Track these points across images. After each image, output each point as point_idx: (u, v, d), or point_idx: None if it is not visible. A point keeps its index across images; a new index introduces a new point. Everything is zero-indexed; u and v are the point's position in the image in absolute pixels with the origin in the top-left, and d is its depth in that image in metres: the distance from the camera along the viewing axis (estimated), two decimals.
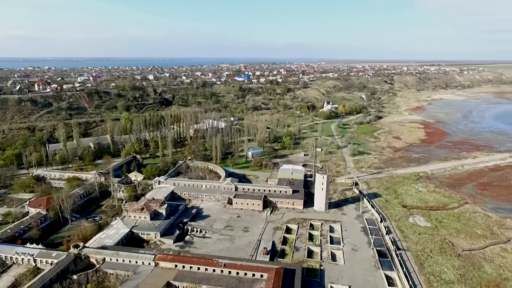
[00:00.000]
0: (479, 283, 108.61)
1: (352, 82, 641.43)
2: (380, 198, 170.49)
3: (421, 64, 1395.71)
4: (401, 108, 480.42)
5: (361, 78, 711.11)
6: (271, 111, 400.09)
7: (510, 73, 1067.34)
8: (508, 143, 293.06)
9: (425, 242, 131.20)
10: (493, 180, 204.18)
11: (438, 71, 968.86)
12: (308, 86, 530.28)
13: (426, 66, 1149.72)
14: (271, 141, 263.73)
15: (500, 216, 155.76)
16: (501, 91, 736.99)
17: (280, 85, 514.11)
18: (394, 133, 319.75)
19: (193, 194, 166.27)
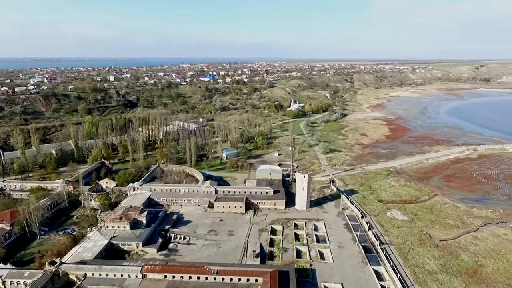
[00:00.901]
0: (458, 271, 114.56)
1: (315, 81, 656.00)
2: (357, 194, 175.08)
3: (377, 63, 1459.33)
4: (363, 105, 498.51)
5: (323, 77, 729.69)
6: (239, 111, 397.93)
7: (455, 71, 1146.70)
8: (463, 136, 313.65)
9: (405, 235, 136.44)
10: (456, 172, 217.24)
11: (393, 70, 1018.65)
12: (274, 86, 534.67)
13: (381, 65, 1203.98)
14: (244, 141, 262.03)
15: (467, 206, 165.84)
16: (450, 88, 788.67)
17: (246, 85, 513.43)
18: (361, 130, 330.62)
19: (172, 199, 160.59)
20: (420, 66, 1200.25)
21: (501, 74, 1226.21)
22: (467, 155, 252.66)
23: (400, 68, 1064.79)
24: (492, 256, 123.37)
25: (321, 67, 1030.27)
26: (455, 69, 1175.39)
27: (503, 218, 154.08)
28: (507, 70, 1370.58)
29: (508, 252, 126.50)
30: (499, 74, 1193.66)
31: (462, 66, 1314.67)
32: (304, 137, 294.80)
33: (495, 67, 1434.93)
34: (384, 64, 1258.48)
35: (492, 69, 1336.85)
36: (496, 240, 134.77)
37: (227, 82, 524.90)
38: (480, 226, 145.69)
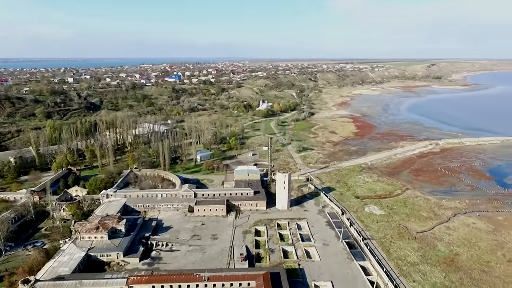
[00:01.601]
0: (437, 261, 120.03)
1: (281, 80, 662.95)
2: (334, 192, 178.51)
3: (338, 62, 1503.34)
4: (328, 104, 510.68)
5: (288, 76, 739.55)
6: (208, 111, 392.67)
7: (411, 70, 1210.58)
8: (424, 132, 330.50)
9: (384, 229, 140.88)
10: (422, 166, 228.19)
11: (353, 69, 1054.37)
12: (241, 86, 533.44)
13: (342, 64, 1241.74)
14: (217, 142, 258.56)
15: (437, 198, 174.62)
16: (406, 85, 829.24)
17: (213, 85, 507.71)
18: (329, 128, 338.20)
19: (149, 205, 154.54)
20: (378, 65, 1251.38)
21: (450, 72, 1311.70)
22: (430, 149, 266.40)
23: (360, 67, 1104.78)
24: (465, 245, 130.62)
25: (285, 67, 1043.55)
26: (410, 68, 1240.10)
27: (470, 208, 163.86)
28: (455, 69, 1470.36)
29: (478, 240, 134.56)
30: (449, 72, 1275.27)
31: (416, 65, 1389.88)
32: (277, 136, 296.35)
33: (445, 65, 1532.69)
34: (344, 64, 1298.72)
35: (442, 68, 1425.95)
36: (467, 229, 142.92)
37: (194, 83, 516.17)
38: (450, 216, 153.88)
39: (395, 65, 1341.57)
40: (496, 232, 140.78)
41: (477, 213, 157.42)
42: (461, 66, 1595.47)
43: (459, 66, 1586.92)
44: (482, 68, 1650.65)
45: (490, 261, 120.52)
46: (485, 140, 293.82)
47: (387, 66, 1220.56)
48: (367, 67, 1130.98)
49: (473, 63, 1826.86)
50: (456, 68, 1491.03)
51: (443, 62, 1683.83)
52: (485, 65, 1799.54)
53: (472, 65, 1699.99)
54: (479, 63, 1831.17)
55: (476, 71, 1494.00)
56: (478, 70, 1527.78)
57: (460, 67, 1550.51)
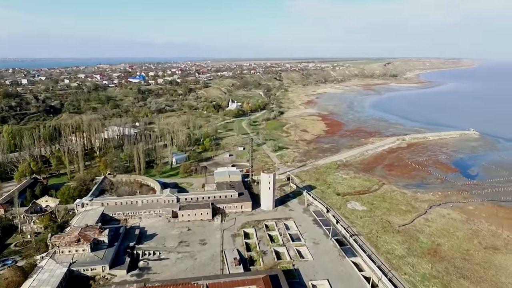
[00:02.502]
0: (422, 252, 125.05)
1: (247, 80, 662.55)
2: (316, 190, 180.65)
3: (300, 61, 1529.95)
4: (296, 102, 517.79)
5: (254, 75, 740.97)
6: (177, 113, 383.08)
7: (369, 68, 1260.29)
8: (390, 128, 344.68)
9: (369, 224, 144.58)
10: (394, 161, 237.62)
11: (316, 68, 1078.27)
12: (209, 86, 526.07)
13: (304, 63, 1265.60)
14: (192, 144, 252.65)
15: (412, 191, 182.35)
16: (366, 83, 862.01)
17: (180, 85, 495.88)
18: (301, 127, 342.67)
19: (129, 212, 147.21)
20: (339, 64, 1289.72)
21: (405, 70, 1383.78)
22: (398, 145, 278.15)
23: (322, 66, 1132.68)
24: (445, 235, 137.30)
25: (249, 66, 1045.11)
26: (368, 66, 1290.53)
27: (443, 199, 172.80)
28: (408, 67, 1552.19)
29: (455, 229, 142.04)
30: (403, 71, 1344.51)
31: (373, 64, 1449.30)
32: (250, 136, 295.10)
33: (399, 64, 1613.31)
34: (306, 63, 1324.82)
35: (397, 66, 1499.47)
36: (443, 220, 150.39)
37: (160, 83, 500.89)
38: (427, 209, 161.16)
39: (354, 64, 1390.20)
40: (470, 221, 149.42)
41: (450, 204, 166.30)
42: (413, 65, 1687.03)
43: (412, 65, 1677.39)
44: (432, 66, 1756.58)
45: (469, 249, 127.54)
46: (446, 134, 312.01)
47: (347, 65, 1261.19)
48: (329, 66, 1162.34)
49: (424, 61, 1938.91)
50: (409, 67, 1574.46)
51: (397, 60, 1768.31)
52: (434, 63, 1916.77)
53: (423, 64, 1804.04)
54: (429, 62, 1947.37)
55: (427, 69, 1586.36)
56: (429, 68, 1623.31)
57: (412, 66, 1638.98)
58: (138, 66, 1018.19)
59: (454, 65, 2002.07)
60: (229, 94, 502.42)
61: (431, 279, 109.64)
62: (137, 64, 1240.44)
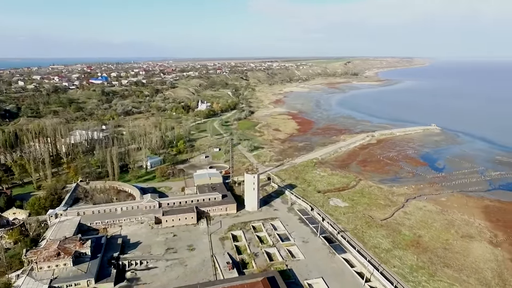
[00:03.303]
0: (406, 245, 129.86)
1: (214, 79, 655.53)
2: (297, 188, 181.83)
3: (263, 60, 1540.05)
4: (264, 102, 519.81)
5: (221, 75, 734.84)
6: (144, 114, 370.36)
7: (331, 67, 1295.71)
8: (358, 125, 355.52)
9: (353, 220, 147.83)
10: (366, 157, 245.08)
11: (280, 67, 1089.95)
12: (176, 86, 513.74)
13: (268, 63, 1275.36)
14: (167, 147, 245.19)
15: (388, 186, 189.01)
16: (330, 82, 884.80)
17: (146, 86, 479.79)
18: (273, 126, 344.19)
19: (108, 221, 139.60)
20: (302, 63, 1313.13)
21: (364, 69, 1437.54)
22: (368, 141, 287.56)
23: (286, 65, 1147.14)
24: (424, 227, 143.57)
25: (214, 66, 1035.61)
26: (330, 65, 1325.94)
27: (417, 192, 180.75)
28: (367, 66, 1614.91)
29: (432, 221, 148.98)
30: (363, 69, 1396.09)
31: (334, 63, 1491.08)
32: (224, 136, 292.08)
33: (358, 63, 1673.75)
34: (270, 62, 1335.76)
35: (357, 65, 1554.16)
36: (421, 212, 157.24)
37: (124, 84, 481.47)
38: (404, 202, 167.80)
39: (317, 63, 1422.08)
40: (444, 212, 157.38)
41: (424, 197, 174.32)
42: (371, 63, 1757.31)
43: (370, 63, 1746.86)
44: (388, 65, 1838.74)
45: (448, 239, 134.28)
46: (411, 130, 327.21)
47: (309, 64, 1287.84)
48: (293, 65, 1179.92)
49: (381, 60, 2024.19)
50: (367, 65, 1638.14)
51: (356, 59, 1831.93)
52: (390, 62, 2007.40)
53: (380, 62, 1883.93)
54: (386, 61, 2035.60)
55: (384, 68, 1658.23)
56: (385, 67, 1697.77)
57: (370, 64, 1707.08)
58: (97, 67, 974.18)
59: (408, 63, 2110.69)
60: (197, 95, 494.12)
61: (418, 269, 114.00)
62: (95, 64, 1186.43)
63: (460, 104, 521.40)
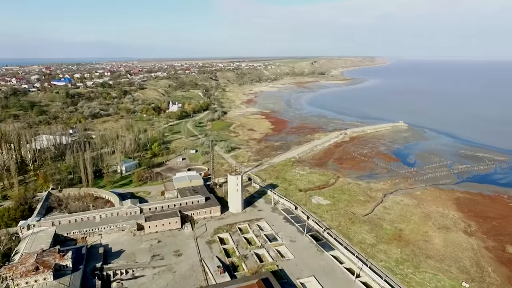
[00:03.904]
0: (389, 239, 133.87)
1: (183, 80, 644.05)
2: (279, 188, 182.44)
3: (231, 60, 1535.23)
4: (236, 102, 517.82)
5: (190, 76, 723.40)
6: (113, 117, 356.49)
7: (298, 67, 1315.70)
8: (330, 123, 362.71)
9: (336, 217, 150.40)
10: (342, 155, 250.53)
11: (249, 67, 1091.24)
12: (145, 87, 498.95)
13: (237, 63, 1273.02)
14: (141, 150, 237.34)
15: (365, 182, 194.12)
16: (298, 81, 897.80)
17: (114, 88, 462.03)
18: (247, 126, 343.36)
19: (87, 230, 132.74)
20: (270, 63, 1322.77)
21: (330, 68, 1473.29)
22: (342, 139, 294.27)
23: (255, 65, 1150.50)
24: (404, 220, 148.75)
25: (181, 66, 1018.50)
26: (297, 65, 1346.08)
27: (393, 187, 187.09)
28: (332, 65, 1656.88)
29: (411, 214, 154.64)
30: (329, 69, 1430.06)
31: (301, 62, 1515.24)
32: (198, 137, 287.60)
33: (324, 62, 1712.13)
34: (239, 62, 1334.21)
35: (323, 64, 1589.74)
36: (399, 206, 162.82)
37: (90, 86, 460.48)
38: (382, 197, 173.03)
39: (284, 62, 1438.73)
40: (420, 206, 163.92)
41: (400, 191, 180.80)
42: (336, 63, 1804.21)
43: (335, 63, 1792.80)
44: (352, 64, 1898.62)
45: (427, 231, 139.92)
46: (380, 127, 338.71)
47: (277, 64, 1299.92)
48: (261, 65, 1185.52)
49: (345, 59, 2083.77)
50: (333, 65, 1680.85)
51: (322, 59, 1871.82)
52: (354, 61, 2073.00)
53: (345, 62, 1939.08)
54: (350, 60, 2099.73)
55: (348, 67, 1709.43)
56: (350, 66, 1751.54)
57: (336, 64, 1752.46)
58: (57, 68, 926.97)
59: (371, 63, 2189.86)
60: (167, 96, 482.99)
61: (403, 262, 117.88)
62: (53, 65, 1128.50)
63: (423, 101, 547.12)
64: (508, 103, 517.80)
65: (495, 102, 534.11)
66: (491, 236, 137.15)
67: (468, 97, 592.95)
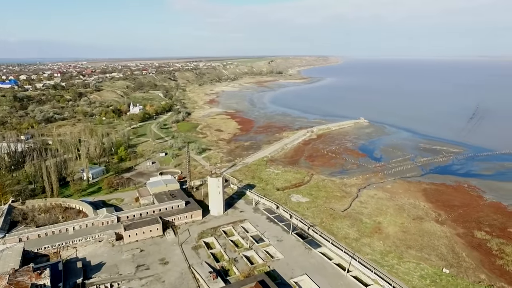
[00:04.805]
0: (370, 232, 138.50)
1: (141, 81, 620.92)
2: (257, 188, 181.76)
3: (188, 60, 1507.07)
4: (199, 102, 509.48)
5: (147, 76, 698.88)
6: (70, 121, 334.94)
7: (256, 66, 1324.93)
8: (296, 122, 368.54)
9: (317, 214, 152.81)
10: (312, 152, 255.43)
11: (208, 67, 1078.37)
12: (101, 89, 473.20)
13: (195, 63, 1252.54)
14: (107, 155, 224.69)
15: (338, 178, 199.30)
16: (258, 81, 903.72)
17: (67, 90, 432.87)
18: (214, 127, 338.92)
19: (59, 244, 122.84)
20: (228, 63, 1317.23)
21: (287, 67, 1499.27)
22: (309, 137, 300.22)
23: (213, 65, 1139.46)
24: (380, 214, 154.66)
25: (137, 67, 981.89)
26: (255, 64, 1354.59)
27: (365, 182, 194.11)
28: (289, 64, 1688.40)
29: (386, 207, 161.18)
30: (286, 68, 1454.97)
31: (258, 62, 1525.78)
32: (166, 140, 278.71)
33: (281, 61, 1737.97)
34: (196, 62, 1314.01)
35: (280, 64, 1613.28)
36: (374, 200, 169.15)
37: (40, 88, 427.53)
38: (357, 192, 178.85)
39: (242, 62, 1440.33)
40: (393, 198, 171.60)
41: (373, 186, 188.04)
42: (292, 62, 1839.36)
43: (291, 62, 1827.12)
44: (308, 63, 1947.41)
45: (403, 222, 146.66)
46: (344, 124, 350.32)
47: (236, 64, 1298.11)
48: (219, 64, 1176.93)
49: (301, 59, 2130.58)
50: (289, 64, 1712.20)
51: (278, 58, 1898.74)
52: (309, 60, 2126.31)
53: (300, 61, 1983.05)
54: (305, 59, 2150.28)
55: (304, 66, 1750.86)
56: (306, 65, 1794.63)
57: (292, 63, 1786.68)
58: None
59: (325, 62, 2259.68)
60: (126, 97, 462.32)
61: (388, 254, 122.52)
62: None
63: (378, 98, 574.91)
64: (452, 99, 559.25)
65: (441, 97, 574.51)
66: (460, 223, 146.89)
67: (417, 93, 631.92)
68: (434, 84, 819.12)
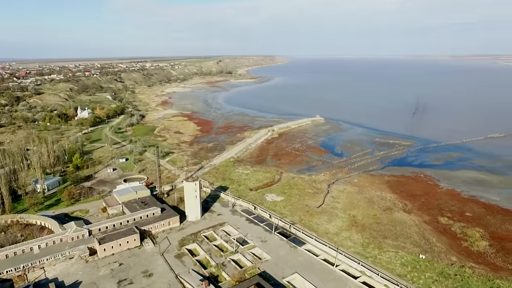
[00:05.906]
0: (348, 225, 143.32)
1: (85, 83, 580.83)
2: (230, 189, 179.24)
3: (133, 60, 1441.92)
4: (151, 104, 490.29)
5: (91, 78, 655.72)
6: (8, 128, 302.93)
7: (205, 66, 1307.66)
8: (254, 121, 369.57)
9: (295, 212, 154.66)
10: (276, 151, 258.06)
11: (155, 67, 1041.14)
12: (42, 92, 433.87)
13: (141, 63, 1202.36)
14: (61, 163, 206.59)
15: (307, 175, 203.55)
16: (209, 81, 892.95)
17: (2, 93, 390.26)
18: (172, 129, 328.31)
19: (24, 265, 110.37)
20: (175, 63, 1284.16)
21: (235, 67, 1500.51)
22: (271, 135, 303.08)
23: (161, 65, 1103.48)
24: (353, 207, 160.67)
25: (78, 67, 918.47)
26: (204, 64, 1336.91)
27: (333, 177, 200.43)
28: (237, 64, 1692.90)
29: (357, 201, 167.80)
30: (235, 68, 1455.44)
31: (207, 62, 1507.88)
32: (122, 144, 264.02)
33: (229, 61, 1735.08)
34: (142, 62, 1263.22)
35: (228, 63, 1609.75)
36: (344, 195, 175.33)
37: None
38: (328, 188, 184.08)
39: (191, 62, 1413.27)
40: (362, 192, 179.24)
41: (341, 181, 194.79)
42: (240, 62, 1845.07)
43: (239, 62, 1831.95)
44: (255, 63, 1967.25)
45: (376, 214, 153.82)
46: (302, 122, 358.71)
47: (184, 64, 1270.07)
48: (167, 65, 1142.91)
49: (248, 58, 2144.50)
50: (237, 64, 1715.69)
51: (226, 58, 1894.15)
52: (256, 60, 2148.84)
53: (248, 61, 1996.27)
54: (252, 59, 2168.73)
55: (252, 65, 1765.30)
56: (253, 65, 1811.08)
57: (240, 63, 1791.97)
58: None
59: (271, 61, 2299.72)
60: (71, 101, 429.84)
61: (368, 245, 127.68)
62: None
63: (328, 95, 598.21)
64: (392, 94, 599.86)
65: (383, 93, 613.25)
66: (425, 211, 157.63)
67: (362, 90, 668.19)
68: (371, 81, 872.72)
